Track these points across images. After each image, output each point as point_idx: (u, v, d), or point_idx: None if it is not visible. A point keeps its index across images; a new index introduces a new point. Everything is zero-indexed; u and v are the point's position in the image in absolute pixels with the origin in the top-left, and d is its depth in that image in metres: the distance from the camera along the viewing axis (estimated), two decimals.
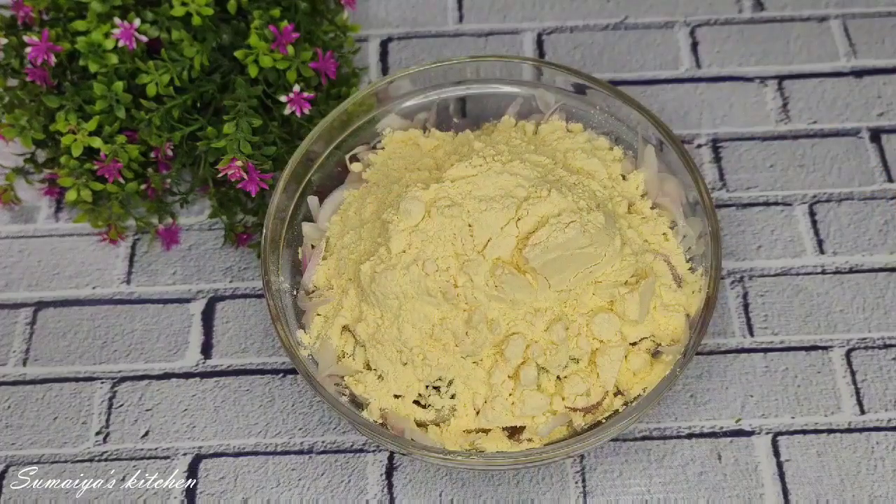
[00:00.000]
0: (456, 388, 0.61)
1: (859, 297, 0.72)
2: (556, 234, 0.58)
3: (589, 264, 0.60)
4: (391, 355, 0.61)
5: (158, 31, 0.72)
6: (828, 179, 0.77)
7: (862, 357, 0.70)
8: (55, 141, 0.74)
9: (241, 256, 0.75)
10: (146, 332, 0.72)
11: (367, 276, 0.60)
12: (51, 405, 0.70)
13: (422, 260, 0.58)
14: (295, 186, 0.67)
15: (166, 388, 0.70)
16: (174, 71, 0.70)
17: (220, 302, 0.74)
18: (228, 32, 0.73)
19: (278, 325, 0.61)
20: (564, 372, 0.61)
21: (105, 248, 0.76)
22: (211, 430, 0.68)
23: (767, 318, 0.71)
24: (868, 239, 0.74)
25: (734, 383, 0.69)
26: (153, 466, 0.67)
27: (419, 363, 0.60)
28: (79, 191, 0.71)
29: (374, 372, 0.62)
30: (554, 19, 0.86)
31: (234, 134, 0.69)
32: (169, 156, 0.73)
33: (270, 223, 0.64)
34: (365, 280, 0.60)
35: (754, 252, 0.74)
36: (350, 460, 0.67)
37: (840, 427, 0.67)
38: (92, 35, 0.70)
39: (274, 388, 0.70)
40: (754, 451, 0.67)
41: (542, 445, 0.59)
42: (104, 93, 0.69)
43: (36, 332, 0.73)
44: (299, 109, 0.72)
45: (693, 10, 0.86)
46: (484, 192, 0.60)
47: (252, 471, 0.67)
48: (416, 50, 0.85)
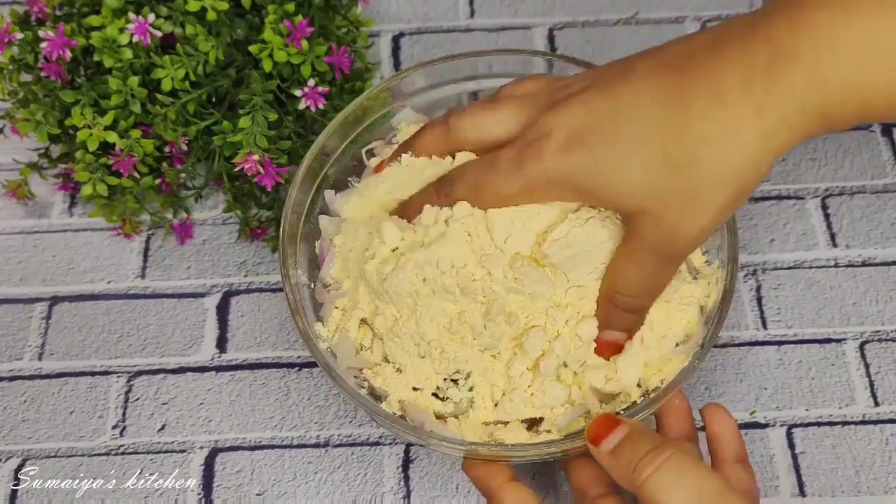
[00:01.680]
0: (474, 381, 0.61)
1: (872, 290, 0.72)
2: (576, 230, 0.59)
3: (608, 260, 0.60)
4: (409, 348, 0.61)
5: (173, 25, 0.72)
6: (840, 173, 0.77)
7: (876, 349, 0.70)
8: (69, 136, 0.74)
9: (256, 251, 0.76)
10: (161, 327, 0.73)
11: (373, 276, 0.60)
12: (67, 399, 0.70)
13: (436, 259, 0.58)
14: (311, 180, 0.67)
15: (182, 382, 0.70)
16: (189, 66, 0.70)
17: (234, 296, 0.74)
18: (243, 27, 0.73)
19: (297, 318, 0.61)
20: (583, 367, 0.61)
21: (119, 243, 0.76)
22: (227, 423, 0.69)
23: (781, 310, 0.72)
24: (881, 232, 0.75)
25: (748, 376, 0.69)
26: (170, 460, 0.67)
27: (437, 356, 0.60)
28: (94, 185, 0.71)
29: (392, 365, 0.62)
30: (565, 14, 0.87)
31: (250, 128, 0.69)
32: (183, 150, 0.73)
33: (288, 217, 0.64)
34: (373, 280, 0.60)
35: (767, 245, 0.75)
36: (366, 453, 0.67)
37: (854, 419, 0.68)
38: (107, 30, 0.70)
39: (289, 381, 0.70)
40: (769, 444, 0.67)
41: (562, 437, 0.60)
42: (119, 87, 0.69)
43: (51, 327, 0.73)
44: (314, 104, 0.72)
45: (704, 5, 0.86)
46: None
47: (268, 464, 0.67)
48: (428, 45, 0.85)
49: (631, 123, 0.53)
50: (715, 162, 0.51)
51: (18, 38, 0.72)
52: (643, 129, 0.53)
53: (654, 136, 0.52)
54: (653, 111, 0.52)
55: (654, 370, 0.61)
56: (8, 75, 0.73)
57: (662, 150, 0.52)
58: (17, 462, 0.68)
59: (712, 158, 0.51)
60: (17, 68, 0.73)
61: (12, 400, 0.70)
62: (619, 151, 0.53)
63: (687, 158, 0.51)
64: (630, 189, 0.54)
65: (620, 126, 0.53)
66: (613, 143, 0.53)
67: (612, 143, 0.53)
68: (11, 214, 0.78)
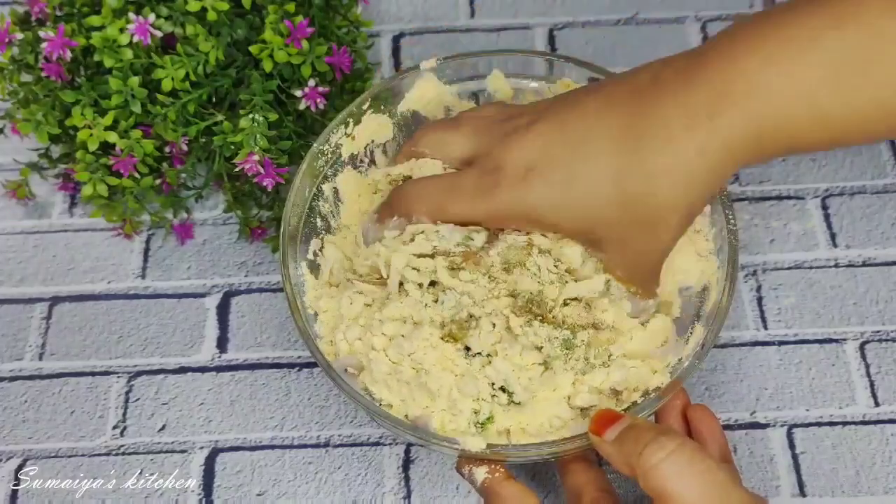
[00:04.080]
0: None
1: (872, 290, 0.72)
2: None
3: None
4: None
5: (173, 25, 0.72)
6: (840, 173, 0.77)
7: (876, 350, 0.70)
8: (70, 136, 0.74)
9: (256, 251, 0.76)
10: (162, 327, 0.73)
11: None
12: (67, 399, 0.70)
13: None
14: (311, 180, 0.67)
15: (182, 382, 0.70)
16: (189, 66, 0.70)
17: (234, 296, 0.74)
18: (243, 27, 0.73)
19: (297, 318, 0.61)
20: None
21: (120, 243, 0.76)
22: (227, 423, 0.69)
23: (781, 311, 0.72)
24: (881, 232, 0.75)
25: (749, 376, 0.69)
26: (170, 460, 0.67)
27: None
28: (95, 185, 0.71)
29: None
30: (565, 14, 0.87)
31: (250, 128, 0.69)
32: (184, 150, 0.73)
33: (288, 217, 0.64)
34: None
35: (767, 245, 0.75)
36: (367, 453, 0.67)
37: (855, 419, 0.68)
38: (107, 30, 0.70)
39: (290, 381, 0.70)
40: (769, 444, 0.67)
41: (561, 439, 0.60)
42: (120, 88, 0.69)
43: (52, 327, 0.73)
44: (314, 104, 0.72)
45: (704, 4, 0.86)
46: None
47: (269, 464, 0.67)
48: (429, 45, 0.85)
49: (585, 160, 0.57)
50: (669, 192, 0.56)
51: (19, 38, 0.73)
52: (598, 165, 0.57)
53: (609, 172, 0.56)
54: (607, 148, 0.56)
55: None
56: (8, 75, 0.73)
57: (619, 186, 0.56)
58: (17, 462, 0.68)
59: (667, 189, 0.56)
60: (18, 68, 0.74)
61: (13, 400, 0.70)
62: (578, 188, 0.57)
63: (642, 191, 0.56)
64: (591, 223, 0.58)
65: (576, 162, 0.57)
66: (572, 179, 0.57)
67: (570, 180, 0.57)
68: (12, 214, 0.78)
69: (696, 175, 0.55)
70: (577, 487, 0.60)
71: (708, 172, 0.55)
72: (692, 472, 0.52)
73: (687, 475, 0.52)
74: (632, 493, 0.64)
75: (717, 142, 0.54)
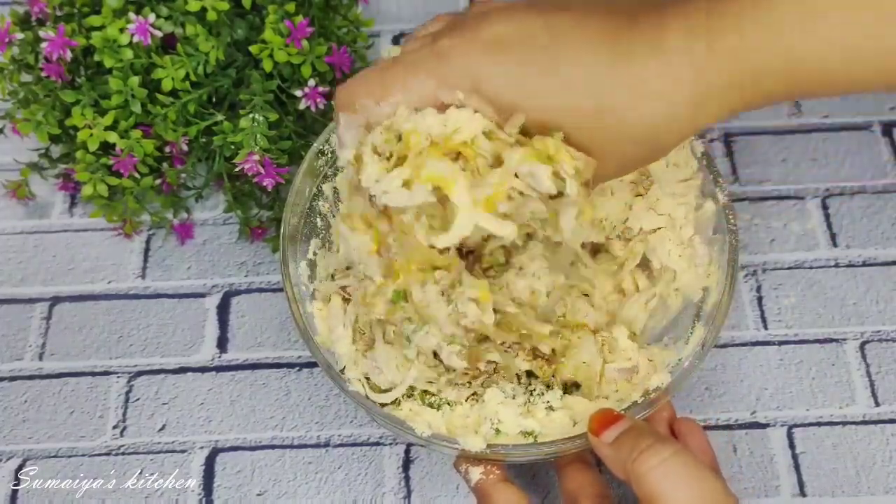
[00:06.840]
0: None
1: (873, 290, 0.72)
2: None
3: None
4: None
5: (173, 25, 0.72)
6: (840, 173, 0.77)
7: (876, 349, 0.70)
8: (70, 136, 0.74)
9: (256, 251, 0.76)
10: (162, 327, 0.73)
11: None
12: (67, 399, 0.70)
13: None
14: (311, 181, 0.67)
15: (182, 382, 0.70)
16: (189, 66, 0.70)
17: (235, 296, 0.74)
18: (243, 27, 0.73)
19: (298, 318, 0.61)
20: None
21: (120, 243, 0.76)
22: (227, 423, 0.69)
23: (781, 311, 0.72)
24: (881, 232, 0.75)
25: (749, 376, 0.69)
26: (170, 460, 0.67)
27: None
28: (95, 185, 0.71)
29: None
30: None
31: (250, 128, 0.69)
32: (184, 150, 0.73)
33: (288, 217, 0.64)
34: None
35: (767, 246, 0.75)
36: (367, 453, 0.67)
37: (855, 419, 0.68)
38: (107, 30, 0.70)
39: (290, 381, 0.70)
40: (769, 444, 0.67)
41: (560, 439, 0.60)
42: (120, 88, 0.70)
43: (52, 327, 0.73)
44: (314, 104, 0.72)
45: None
46: None
47: (269, 464, 0.67)
48: None
49: (570, 51, 0.50)
50: (634, 114, 0.50)
51: (19, 39, 0.73)
52: (583, 62, 0.50)
53: (594, 72, 0.50)
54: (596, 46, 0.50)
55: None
56: (8, 75, 0.73)
57: (594, 90, 0.50)
58: (17, 462, 0.68)
59: (638, 112, 0.50)
60: (18, 68, 0.74)
61: (13, 400, 0.70)
62: (556, 78, 0.50)
63: (615, 104, 0.50)
64: (559, 120, 0.51)
65: (560, 49, 0.51)
66: (552, 65, 0.50)
67: (549, 65, 0.51)
68: (12, 214, 0.78)
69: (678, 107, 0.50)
70: (573, 492, 0.60)
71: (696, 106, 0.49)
72: (687, 480, 0.52)
73: (681, 482, 0.52)
74: (632, 493, 0.64)
75: (716, 67, 0.48)
